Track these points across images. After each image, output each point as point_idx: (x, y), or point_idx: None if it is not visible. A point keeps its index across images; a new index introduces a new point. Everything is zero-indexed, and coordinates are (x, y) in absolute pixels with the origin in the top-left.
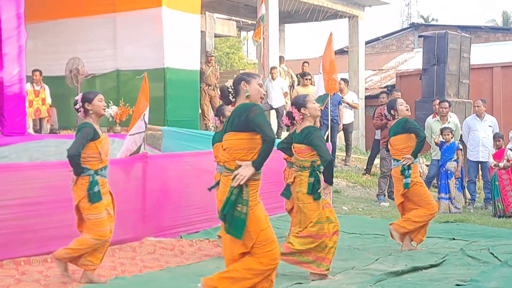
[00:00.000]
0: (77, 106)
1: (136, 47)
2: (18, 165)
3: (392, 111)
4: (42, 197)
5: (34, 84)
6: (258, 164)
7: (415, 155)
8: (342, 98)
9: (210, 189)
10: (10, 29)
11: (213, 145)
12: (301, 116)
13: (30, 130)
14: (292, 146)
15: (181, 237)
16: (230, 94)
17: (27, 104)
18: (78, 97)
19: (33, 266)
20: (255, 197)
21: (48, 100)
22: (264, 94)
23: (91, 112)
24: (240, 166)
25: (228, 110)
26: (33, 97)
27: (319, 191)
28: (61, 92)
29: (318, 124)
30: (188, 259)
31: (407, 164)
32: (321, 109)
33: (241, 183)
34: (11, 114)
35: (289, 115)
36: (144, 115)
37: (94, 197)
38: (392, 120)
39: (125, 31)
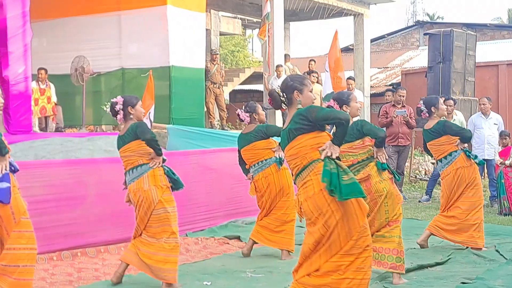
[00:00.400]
0: (117, 108)
1: (141, 45)
2: (24, 163)
3: (433, 108)
4: (47, 195)
5: (39, 82)
6: (339, 143)
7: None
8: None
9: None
10: (15, 27)
11: (243, 148)
12: None
13: (36, 128)
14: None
15: (187, 235)
16: (283, 103)
17: (32, 103)
18: (119, 100)
19: (39, 264)
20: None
21: (54, 99)
22: (314, 99)
23: (131, 117)
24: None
25: (261, 108)
26: (39, 95)
27: None
28: (66, 90)
29: None
30: (194, 257)
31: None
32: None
33: (329, 154)
34: (16, 113)
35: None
36: (150, 113)
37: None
38: (424, 116)
39: (131, 29)
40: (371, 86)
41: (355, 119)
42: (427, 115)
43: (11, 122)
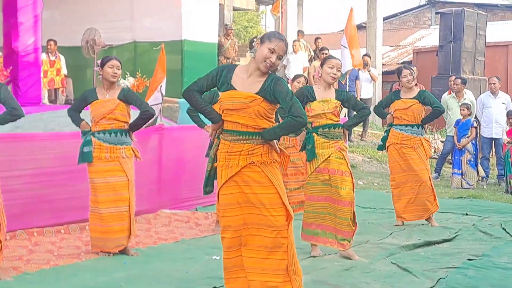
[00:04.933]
0: (97, 69)
1: (154, 19)
2: (33, 135)
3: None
4: (56, 167)
5: (49, 54)
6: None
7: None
8: (369, 71)
9: None
10: None
11: None
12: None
13: (45, 100)
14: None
15: (197, 210)
16: (249, 49)
17: (41, 75)
18: (99, 61)
19: (46, 237)
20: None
21: (64, 71)
22: (275, 66)
23: (99, 77)
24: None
25: None
26: (48, 67)
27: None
28: (77, 62)
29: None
30: (203, 232)
31: None
32: (340, 84)
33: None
34: (26, 84)
35: None
36: (161, 86)
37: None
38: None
39: (143, 2)
40: (383, 64)
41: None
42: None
43: (20, 94)
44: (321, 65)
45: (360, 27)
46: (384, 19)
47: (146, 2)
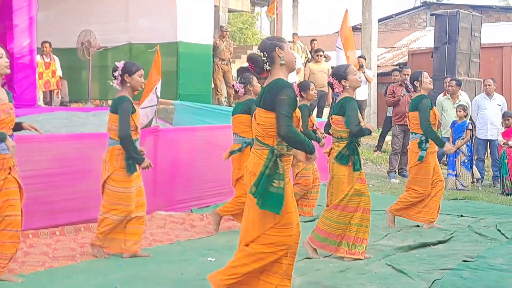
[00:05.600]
0: (116, 74)
1: (149, 20)
2: (28, 137)
3: (416, 82)
4: (52, 169)
5: (43, 56)
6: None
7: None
8: (364, 73)
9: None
10: (21, 0)
11: (233, 115)
12: (341, 88)
13: (41, 102)
14: (331, 118)
15: (192, 211)
16: (265, 64)
17: (36, 76)
18: (120, 65)
19: (41, 239)
20: (288, 173)
21: (59, 72)
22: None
23: (128, 85)
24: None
25: (256, 80)
26: (43, 69)
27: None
28: (72, 64)
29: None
30: (198, 233)
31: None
32: None
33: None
34: (21, 86)
35: (330, 85)
36: (156, 88)
37: (132, 168)
38: (412, 92)
39: (138, 4)
40: (378, 66)
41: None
42: (413, 90)
43: (15, 96)
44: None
45: (355, 28)
46: (379, 20)
47: (141, 4)
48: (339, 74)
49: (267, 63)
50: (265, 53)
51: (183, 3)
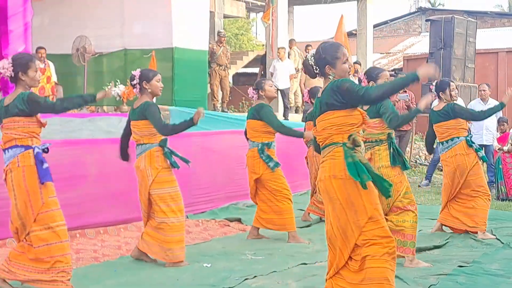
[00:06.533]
0: (134, 82)
1: (144, 26)
2: None
3: (441, 94)
4: None
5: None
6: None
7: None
8: (359, 78)
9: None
10: (16, 5)
11: (247, 119)
12: None
13: None
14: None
15: (187, 217)
16: (317, 75)
17: None
18: (136, 73)
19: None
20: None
21: (54, 78)
22: (349, 71)
23: (149, 91)
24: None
25: (269, 84)
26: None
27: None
28: (67, 70)
29: None
30: (194, 239)
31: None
32: None
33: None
34: None
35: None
36: None
37: (175, 164)
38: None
39: (134, 9)
40: None
41: None
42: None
43: None
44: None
45: (350, 34)
46: (375, 26)
47: (136, 9)
48: (370, 75)
49: (319, 75)
50: (317, 67)
51: (179, 9)
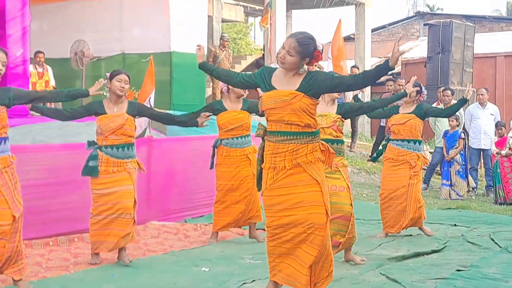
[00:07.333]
0: (105, 82)
1: (142, 30)
2: (21, 147)
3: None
4: (45, 179)
5: (36, 65)
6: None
7: None
8: None
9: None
10: (14, 10)
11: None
12: None
13: (33, 112)
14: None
15: (186, 221)
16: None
17: (30, 86)
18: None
19: (34, 249)
20: None
21: (52, 82)
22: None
23: (112, 90)
24: None
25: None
26: (37, 79)
27: None
28: (65, 74)
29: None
30: (192, 243)
31: None
32: None
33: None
34: None
35: None
36: (150, 98)
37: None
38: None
39: (132, 14)
40: None
41: None
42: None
43: None
44: None
45: (348, 38)
46: (373, 30)
47: (135, 14)
48: None
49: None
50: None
51: (177, 13)
